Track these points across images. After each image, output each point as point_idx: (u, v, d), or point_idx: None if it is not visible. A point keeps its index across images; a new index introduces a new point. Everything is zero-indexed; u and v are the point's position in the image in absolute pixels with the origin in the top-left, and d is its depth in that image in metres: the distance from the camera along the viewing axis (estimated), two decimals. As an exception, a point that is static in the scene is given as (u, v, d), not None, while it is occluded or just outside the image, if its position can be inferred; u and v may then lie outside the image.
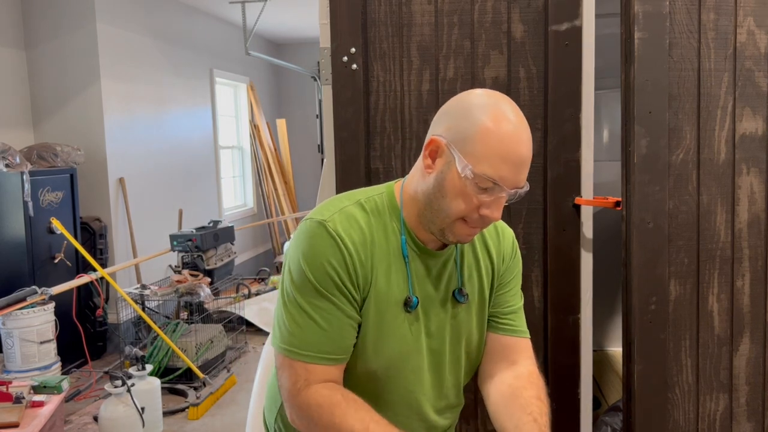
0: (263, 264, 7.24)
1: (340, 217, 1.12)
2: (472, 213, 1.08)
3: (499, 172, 1.04)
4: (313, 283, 1.09)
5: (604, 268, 2.12)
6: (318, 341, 1.09)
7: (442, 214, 1.09)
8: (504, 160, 1.03)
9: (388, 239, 1.15)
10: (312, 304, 1.10)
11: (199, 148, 6.19)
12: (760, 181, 1.67)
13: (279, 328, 1.13)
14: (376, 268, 1.13)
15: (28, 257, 3.96)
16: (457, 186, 1.06)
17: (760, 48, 1.64)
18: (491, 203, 1.07)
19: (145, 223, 5.15)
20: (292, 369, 1.10)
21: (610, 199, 1.78)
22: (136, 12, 5.15)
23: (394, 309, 1.15)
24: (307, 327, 1.10)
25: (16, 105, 4.60)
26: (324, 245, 1.09)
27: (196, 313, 4.25)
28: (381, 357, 1.15)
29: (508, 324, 1.28)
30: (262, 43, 7.77)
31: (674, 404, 1.68)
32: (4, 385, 2.54)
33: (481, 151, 1.03)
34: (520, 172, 1.06)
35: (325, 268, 1.09)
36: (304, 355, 1.09)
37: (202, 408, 3.58)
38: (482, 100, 1.07)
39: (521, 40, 1.83)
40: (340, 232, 1.10)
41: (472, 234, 1.12)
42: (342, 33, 1.82)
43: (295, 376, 1.10)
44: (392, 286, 1.14)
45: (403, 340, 1.16)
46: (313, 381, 1.09)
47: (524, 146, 1.05)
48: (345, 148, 1.85)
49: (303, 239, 1.12)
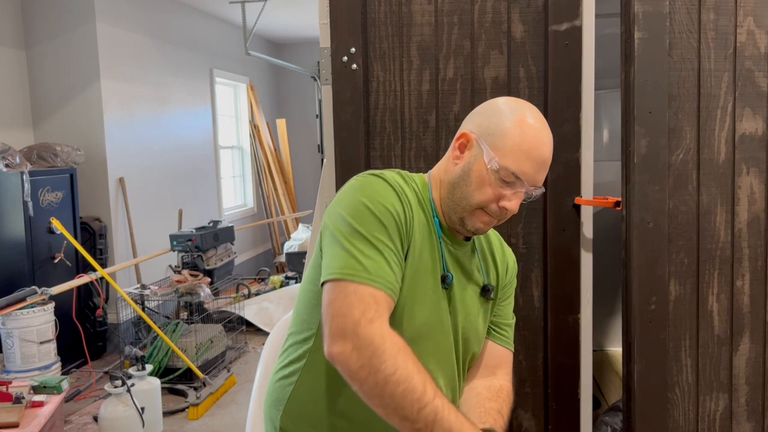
0: (263, 264, 7.24)
1: (392, 175, 1.19)
2: (492, 204, 1.15)
3: (521, 167, 1.13)
4: (377, 216, 1.10)
5: (604, 268, 2.12)
6: (385, 271, 1.06)
7: (464, 202, 1.17)
8: (528, 157, 1.13)
9: (427, 215, 1.21)
10: (375, 236, 1.08)
11: (199, 148, 6.19)
12: (760, 181, 1.67)
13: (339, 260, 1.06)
14: (420, 233, 1.18)
15: (28, 257, 3.96)
16: (482, 176, 1.14)
17: (760, 48, 1.64)
18: (511, 196, 1.15)
19: (145, 223, 5.15)
20: (359, 296, 1.02)
21: (610, 199, 1.78)
22: (136, 12, 5.14)
23: (426, 280, 1.18)
24: (372, 256, 1.06)
25: (16, 105, 4.60)
26: (384, 189, 1.14)
27: (196, 313, 4.25)
28: (411, 322, 1.15)
29: (503, 335, 1.36)
30: (262, 43, 7.77)
31: (674, 404, 1.68)
32: (4, 385, 2.54)
33: (508, 146, 1.13)
34: (540, 170, 1.15)
35: (386, 206, 1.12)
36: (375, 281, 1.04)
37: (202, 408, 3.58)
38: (511, 105, 1.18)
39: (521, 40, 1.83)
40: (398, 182, 1.17)
41: (489, 224, 1.19)
42: (342, 33, 1.82)
43: (365, 305, 1.02)
44: (425, 259, 1.18)
45: (432, 311, 1.19)
46: (384, 314, 1.03)
47: (546, 147, 1.15)
48: (345, 148, 1.85)
49: (361, 186, 1.15)
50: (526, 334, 1.90)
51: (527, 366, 1.91)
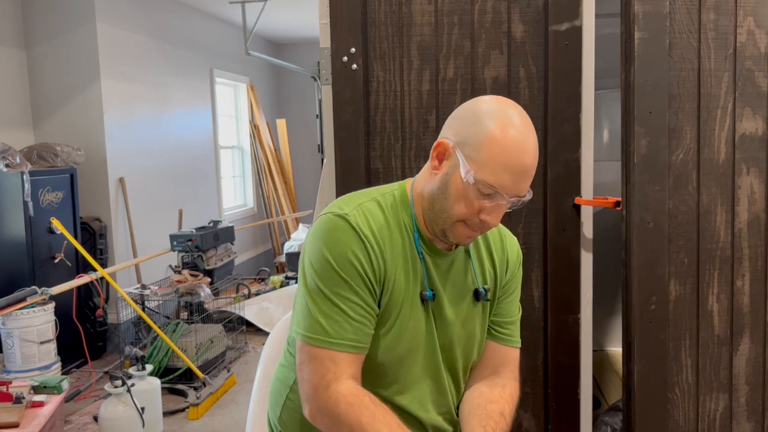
0: (263, 264, 7.24)
1: (359, 211, 1.15)
2: (473, 217, 1.10)
3: (499, 180, 1.06)
4: (338, 271, 1.10)
5: (604, 268, 2.12)
6: (345, 329, 1.10)
7: (444, 215, 1.12)
8: (506, 169, 1.06)
9: (403, 235, 1.17)
10: (336, 293, 1.11)
11: (199, 148, 6.19)
12: (760, 181, 1.67)
13: (304, 319, 1.13)
14: (394, 262, 1.15)
15: (28, 257, 3.96)
16: (460, 189, 1.09)
17: (760, 48, 1.64)
18: (491, 209, 1.09)
19: (145, 223, 5.15)
20: (319, 361, 1.10)
21: (610, 199, 1.78)
22: (136, 12, 5.14)
23: (410, 303, 1.17)
24: (333, 315, 1.10)
25: (16, 105, 4.60)
26: (346, 236, 1.11)
27: (196, 313, 4.25)
28: (393, 350, 1.16)
29: (506, 334, 1.31)
30: (262, 43, 7.77)
31: (674, 404, 1.68)
32: (4, 385, 2.54)
33: (484, 158, 1.06)
34: (521, 181, 1.08)
35: (348, 258, 1.10)
36: (333, 343, 1.09)
37: (202, 408, 3.58)
38: (491, 107, 1.10)
39: (521, 40, 1.83)
40: (360, 225, 1.12)
41: (472, 237, 1.15)
42: (342, 33, 1.82)
43: (323, 369, 1.10)
44: (408, 281, 1.17)
45: (416, 334, 1.18)
46: (342, 374, 1.10)
47: (528, 156, 1.07)
48: (345, 148, 1.85)
49: (324, 232, 1.13)
50: (526, 334, 1.90)
51: (527, 366, 1.91)
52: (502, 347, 1.31)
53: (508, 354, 1.32)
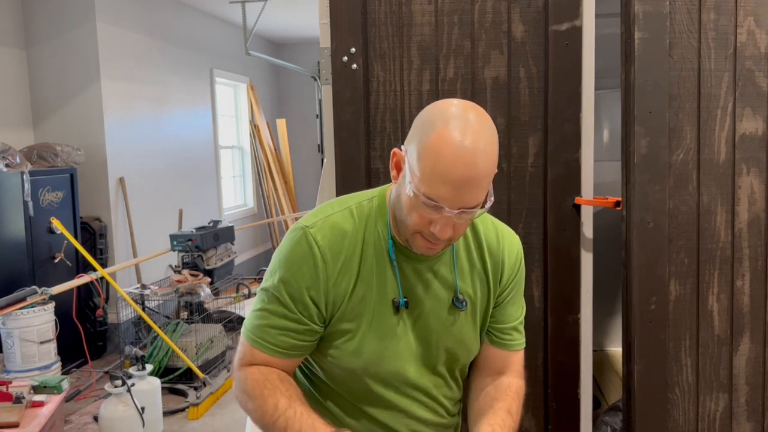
0: (263, 264, 7.24)
1: (324, 224, 1.16)
2: (425, 228, 1.06)
3: (436, 192, 1.00)
4: (279, 285, 1.15)
5: (604, 268, 2.12)
6: (266, 332, 1.17)
7: (403, 226, 1.11)
8: (443, 181, 0.99)
9: (375, 244, 1.16)
10: (272, 299, 1.16)
11: (199, 148, 6.19)
12: (760, 181, 1.67)
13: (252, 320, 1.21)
14: (359, 274, 1.15)
15: (28, 257, 3.96)
16: (409, 200, 1.05)
17: (760, 48, 1.64)
18: (439, 221, 1.04)
19: (145, 223, 5.15)
20: (243, 346, 1.20)
21: (610, 199, 1.78)
22: (136, 12, 5.14)
23: (381, 311, 1.17)
24: (262, 318, 1.17)
25: (16, 105, 4.60)
26: (301, 252, 1.14)
27: (196, 313, 4.25)
28: (364, 355, 1.17)
29: (508, 339, 1.29)
30: (262, 43, 7.77)
31: (674, 404, 1.68)
32: (4, 385, 2.54)
33: (423, 170, 1.01)
34: (463, 193, 1.00)
35: (295, 275, 1.14)
36: (253, 339, 1.18)
37: (202, 408, 3.58)
38: (439, 116, 1.03)
39: (521, 40, 1.83)
40: (318, 240, 1.14)
41: (433, 248, 1.10)
42: (342, 33, 1.82)
43: (242, 353, 1.20)
44: (380, 290, 1.16)
45: (389, 340, 1.18)
46: (255, 363, 1.19)
47: (470, 167, 0.99)
48: (345, 148, 1.85)
49: (286, 242, 1.18)
50: (526, 334, 1.90)
51: (527, 366, 1.90)
52: (504, 352, 1.29)
53: (512, 357, 1.30)
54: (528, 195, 1.86)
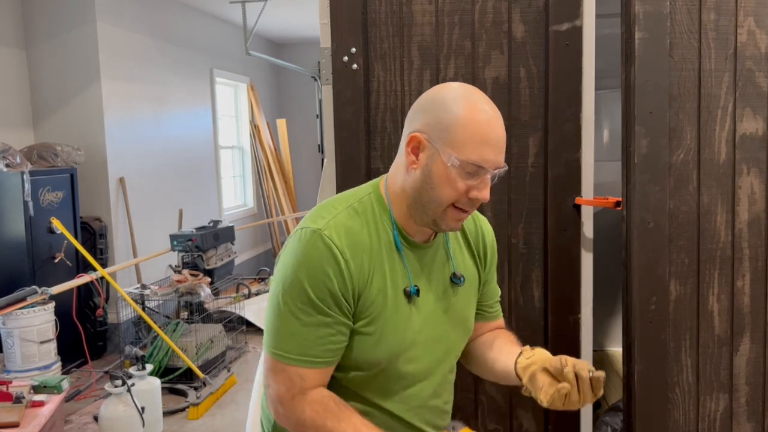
0: (263, 264, 7.23)
1: (335, 223, 1.16)
2: (462, 198, 1.14)
3: (482, 156, 1.11)
4: (308, 292, 1.12)
5: (604, 268, 2.12)
6: (311, 346, 1.13)
7: (434, 205, 1.15)
8: (486, 144, 1.11)
9: (381, 237, 1.19)
10: (306, 312, 1.13)
11: (199, 148, 6.19)
12: (760, 181, 1.67)
13: (273, 334, 1.16)
14: (374, 269, 1.17)
15: (28, 257, 3.96)
16: (444, 175, 1.12)
17: (760, 48, 1.64)
18: (479, 185, 1.14)
19: (145, 223, 5.15)
20: (286, 374, 1.14)
21: (610, 199, 1.78)
22: (136, 12, 5.14)
23: (396, 302, 1.19)
24: (300, 334, 1.13)
25: (16, 105, 4.60)
26: (320, 255, 1.13)
27: (196, 313, 4.25)
28: (385, 347, 1.18)
29: (495, 311, 1.43)
30: (262, 43, 7.77)
31: (674, 404, 1.68)
32: (4, 384, 2.54)
33: (463, 139, 1.10)
34: (500, 152, 1.14)
35: (321, 278, 1.12)
36: (299, 360, 1.13)
37: (202, 408, 3.58)
38: (454, 93, 1.15)
39: (522, 40, 1.83)
40: (335, 240, 1.14)
41: (463, 218, 1.19)
42: (342, 33, 1.82)
43: (289, 382, 1.14)
44: (392, 281, 1.19)
45: (407, 328, 1.20)
46: (308, 387, 1.14)
47: (500, 128, 1.14)
48: (345, 147, 1.85)
49: (299, 248, 1.15)
50: (526, 334, 1.90)
51: (527, 366, 1.91)
52: (493, 323, 1.42)
53: (499, 324, 1.44)
54: (528, 195, 1.86)
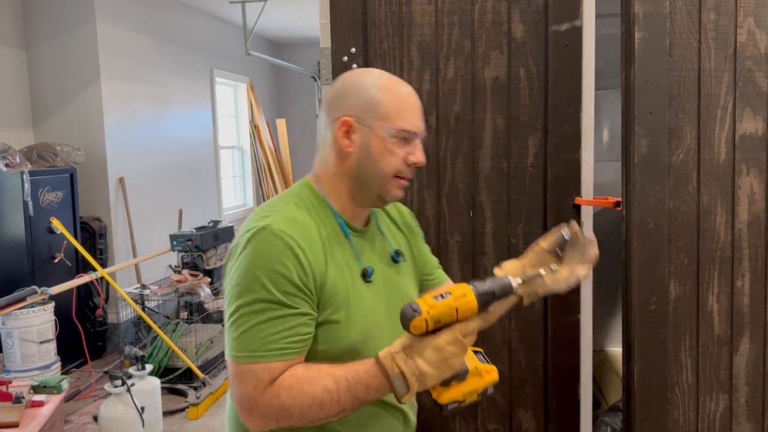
0: (263, 264, 7.22)
1: (281, 217, 1.17)
2: (402, 165, 1.23)
3: (412, 122, 1.23)
4: (269, 288, 1.10)
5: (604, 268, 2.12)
6: (275, 340, 1.10)
7: (377, 178, 1.23)
8: (412, 112, 1.24)
9: (327, 227, 1.23)
10: (269, 308, 1.10)
11: (199, 148, 6.19)
12: (760, 182, 1.67)
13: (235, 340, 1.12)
14: (327, 257, 1.19)
15: (28, 257, 3.96)
16: (382, 147, 1.22)
17: (760, 48, 1.64)
18: (413, 149, 1.24)
19: (145, 223, 5.15)
20: (252, 374, 1.10)
21: (610, 199, 1.78)
22: (136, 12, 5.14)
23: (355, 286, 1.22)
24: (264, 330, 1.10)
25: (16, 105, 4.60)
26: (274, 249, 1.12)
27: (196, 313, 4.25)
28: (355, 331, 1.20)
29: (438, 276, 1.49)
30: (262, 43, 7.77)
31: (674, 404, 1.68)
32: (4, 384, 2.54)
33: (393, 112, 1.21)
34: (421, 116, 1.26)
35: (280, 271, 1.11)
36: (264, 355, 1.10)
37: (202, 408, 3.58)
38: (369, 77, 1.26)
39: (521, 40, 1.83)
40: (286, 231, 1.14)
41: (405, 186, 1.27)
42: (342, 33, 1.82)
43: (256, 380, 1.10)
44: (347, 267, 1.22)
45: (370, 310, 1.23)
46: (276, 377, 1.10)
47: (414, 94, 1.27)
48: (345, 148, 1.85)
49: (249, 250, 1.13)
50: (526, 335, 1.90)
51: (527, 366, 1.91)
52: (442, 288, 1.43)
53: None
54: (528, 195, 1.86)
